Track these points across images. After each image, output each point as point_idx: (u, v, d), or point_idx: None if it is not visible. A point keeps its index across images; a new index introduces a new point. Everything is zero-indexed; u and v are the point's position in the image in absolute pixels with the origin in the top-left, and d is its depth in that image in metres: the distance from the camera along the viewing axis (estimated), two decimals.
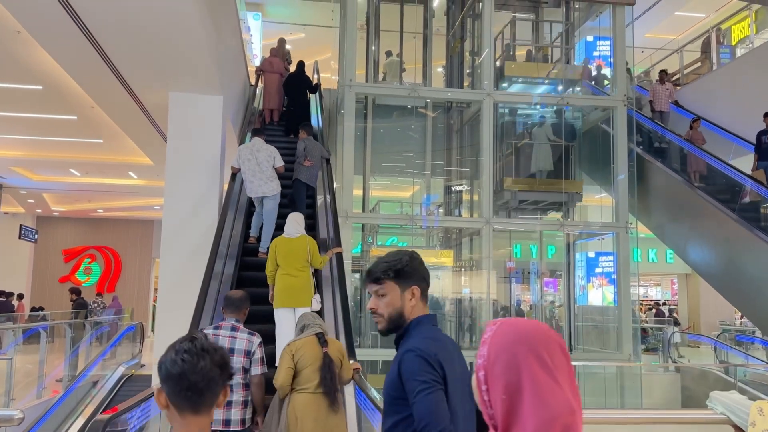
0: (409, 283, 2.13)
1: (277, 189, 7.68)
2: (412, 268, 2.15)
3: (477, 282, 12.36)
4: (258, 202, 7.77)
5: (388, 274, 2.13)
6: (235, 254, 7.48)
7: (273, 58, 11.89)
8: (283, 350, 4.30)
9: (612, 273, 12.93)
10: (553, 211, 13.12)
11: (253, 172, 7.63)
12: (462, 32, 13.61)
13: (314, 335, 4.34)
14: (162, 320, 8.36)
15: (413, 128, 13.07)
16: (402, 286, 2.13)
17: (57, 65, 8.67)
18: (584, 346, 12.62)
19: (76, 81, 8.88)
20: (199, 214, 8.43)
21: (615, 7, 12.33)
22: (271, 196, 7.59)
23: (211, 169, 8.78)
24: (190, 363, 1.62)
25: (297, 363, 4.18)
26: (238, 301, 4.31)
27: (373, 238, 13.03)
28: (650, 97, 13.50)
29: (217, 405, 1.70)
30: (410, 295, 2.12)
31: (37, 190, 17.95)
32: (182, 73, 8.41)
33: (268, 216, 7.57)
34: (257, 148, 7.77)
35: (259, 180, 7.60)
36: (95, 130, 11.95)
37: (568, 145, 12.36)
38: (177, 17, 6.97)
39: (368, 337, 12.24)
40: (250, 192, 7.73)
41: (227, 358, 1.72)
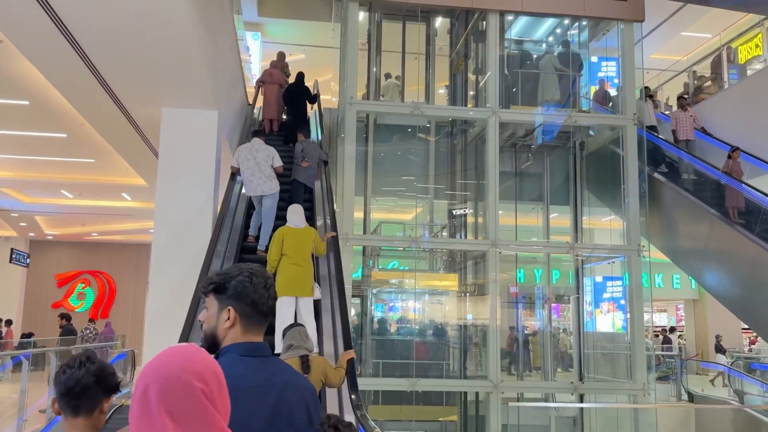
0: (227, 302, 1.87)
1: (276, 188, 7.77)
2: (237, 286, 1.88)
3: (482, 307, 11.87)
4: (257, 201, 7.85)
5: (209, 288, 1.91)
6: (233, 252, 7.42)
7: (273, 70, 11.81)
8: None
9: (621, 298, 12.47)
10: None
11: (252, 171, 7.70)
12: (466, 50, 13.27)
13: (299, 357, 4.34)
14: (151, 345, 7.86)
15: (416, 149, 12.66)
16: (220, 304, 1.89)
17: (44, 79, 8.28)
18: (595, 375, 12.06)
19: (64, 96, 8.49)
20: (191, 235, 7.96)
21: (623, 24, 12.01)
22: (269, 195, 7.69)
23: (205, 188, 8.35)
24: (69, 374, 1.96)
25: None
26: None
27: (374, 262, 12.55)
28: (672, 125, 12.64)
29: (101, 411, 2.00)
30: (226, 315, 1.87)
31: (28, 213, 17.51)
32: (175, 88, 8.03)
33: (267, 214, 7.66)
34: (256, 148, 7.83)
35: (258, 179, 7.69)
36: (86, 149, 11.55)
37: (575, 74, 12.06)
38: (170, 29, 6.62)
39: (369, 365, 11.69)
40: (248, 191, 7.83)
41: (106, 372, 2.02)
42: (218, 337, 1.88)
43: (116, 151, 10.72)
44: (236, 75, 11.06)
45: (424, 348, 12.18)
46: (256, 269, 1.94)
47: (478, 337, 12.46)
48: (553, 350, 13.38)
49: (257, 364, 1.86)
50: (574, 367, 12.50)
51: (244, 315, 1.88)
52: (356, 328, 12.20)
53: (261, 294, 1.89)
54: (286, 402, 1.85)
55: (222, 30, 9.04)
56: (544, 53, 12.96)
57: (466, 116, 12.71)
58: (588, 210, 12.58)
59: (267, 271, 1.96)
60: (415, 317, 13.01)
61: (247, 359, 1.85)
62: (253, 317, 1.89)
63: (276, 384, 1.85)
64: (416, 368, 11.05)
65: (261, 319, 1.91)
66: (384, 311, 13.81)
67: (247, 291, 1.87)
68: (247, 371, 1.82)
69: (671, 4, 15.90)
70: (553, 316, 14.61)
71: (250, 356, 1.86)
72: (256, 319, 1.90)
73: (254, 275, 1.91)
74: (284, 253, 6.03)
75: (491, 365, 10.63)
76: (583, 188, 12.61)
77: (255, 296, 1.88)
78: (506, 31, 12.43)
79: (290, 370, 2.00)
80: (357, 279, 12.21)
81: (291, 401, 1.87)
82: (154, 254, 8.12)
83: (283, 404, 1.84)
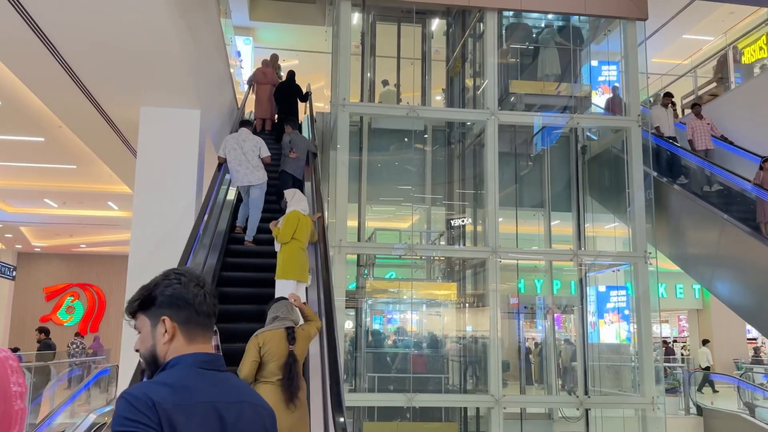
0: (159, 312, 1.62)
1: (264, 178, 7.69)
2: (166, 292, 1.63)
3: (482, 318, 11.33)
4: (245, 191, 7.72)
5: (134, 306, 1.66)
6: (219, 245, 7.22)
7: (266, 69, 11.70)
8: (250, 340, 4.25)
9: (625, 308, 11.96)
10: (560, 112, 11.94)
11: (240, 161, 7.59)
12: (463, 52, 12.79)
13: (284, 329, 4.30)
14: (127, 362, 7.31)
15: (412, 154, 12.14)
16: (151, 319, 1.63)
17: (16, 78, 7.76)
18: (602, 389, 11.50)
19: (37, 95, 7.98)
20: (171, 246, 7.37)
21: (626, 24, 11.56)
22: (257, 185, 7.60)
23: (186, 193, 7.85)
24: None
25: (263, 356, 4.15)
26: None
27: (369, 272, 12.00)
28: (689, 134, 11.90)
29: None
30: (162, 328, 1.61)
31: (13, 223, 16.96)
32: (154, 85, 7.56)
33: (254, 204, 7.55)
34: (243, 138, 7.73)
35: (245, 169, 7.57)
36: (66, 154, 11.05)
37: (576, 48, 11.64)
38: (147, 23, 6.22)
39: (364, 380, 11.12)
40: (236, 181, 7.71)
41: None
42: (159, 357, 1.62)
43: (97, 156, 10.20)
44: (223, 76, 10.58)
45: (422, 361, 11.62)
46: (183, 269, 1.71)
47: (479, 347, 11.91)
48: (557, 362, 12.83)
49: (213, 378, 1.60)
50: (578, 380, 11.95)
51: (183, 321, 1.62)
52: (351, 341, 11.66)
53: (195, 293, 1.64)
54: (244, 421, 1.62)
55: (206, 28, 8.59)
56: (544, 27, 12.48)
57: (464, 118, 12.23)
58: (591, 217, 12.08)
59: (196, 270, 1.75)
60: (412, 329, 12.47)
61: (203, 371, 1.60)
62: (193, 321, 1.63)
63: (234, 402, 1.61)
64: (413, 382, 10.53)
65: (204, 321, 1.65)
66: (380, 323, 13.26)
67: (178, 293, 1.62)
68: (205, 385, 1.57)
69: (671, 7, 15.53)
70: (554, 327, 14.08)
71: (207, 369, 1.61)
72: (198, 323, 1.64)
73: (182, 275, 1.66)
74: (295, 237, 6.05)
75: (492, 379, 10.09)
76: (586, 194, 12.12)
77: (189, 297, 1.62)
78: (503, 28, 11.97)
79: (248, 389, 1.74)
80: (351, 290, 11.68)
81: (249, 421, 1.64)
82: (131, 267, 7.59)
83: (241, 423, 1.61)
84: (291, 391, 4.08)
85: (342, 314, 10.47)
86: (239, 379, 1.74)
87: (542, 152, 12.05)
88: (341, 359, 4.66)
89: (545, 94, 11.60)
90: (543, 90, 11.61)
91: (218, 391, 1.58)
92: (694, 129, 11.82)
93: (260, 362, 4.14)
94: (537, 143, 12.05)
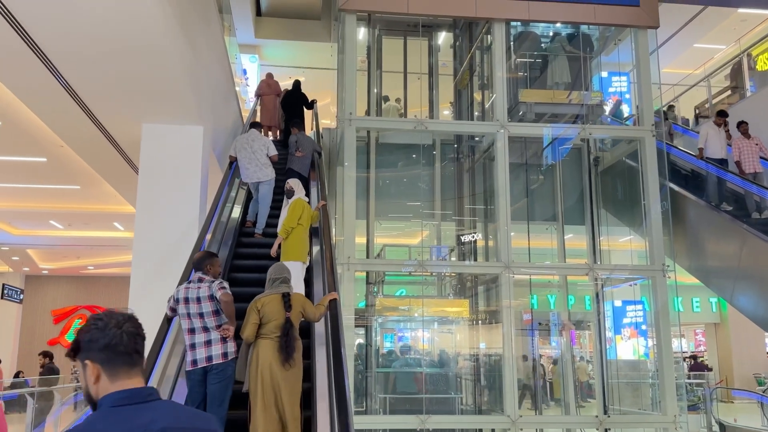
0: (83, 357, 1.74)
1: (271, 175, 8.23)
2: (85, 338, 1.74)
3: (495, 335, 11.01)
4: (254, 188, 8.27)
5: (70, 354, 1.78)
6: (230, 239, 7.59)
7: (270, 80, 12.27)
8: (250, 305, 4.74)
9: (642, 323, 11.62)
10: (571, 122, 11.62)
11: (249, 159, 8.14)
12: (471, 64, 12.59)
13: (280, 295, 4.76)
14: None
15: (420, 168, 11.90)
16: (81, 363, 1.75)
17: (15, 98, 7.61)
18: (621, 407, 11.11)
19: (37, 114, 7.81)
20: (173, 262, 7.14)
21: (637, 32, 11.33)
22: (265, 182, 8.13)
23: (189, 211, 7.63)
24: None
25: (261, 318, 4.65)
26: (199, 261, 4.98)
27: (378, 289, 11.72)
28: (735, 156, 10.93)
29: None
30: (89, 371, 1.73)
31: (20, 246, 16.84)
32: (156, 102, 7.38)
33: (263, 199, 8.08)
34: (252, 138, 8.33)
35: (254, 167, 8.12)
36: (69, 175, 10.89)
37: (586, 56, 11.42)
38: (146, 39, 6.04)
39: (375, 401, 10.80)
40: (245, 178, 8.25)
41: None
42: (92, 396, 1.74)
43: (100, 176, 10.03)
44: (227, 92, 10.41)
45: (434, 381, 11.29)
46: (105, 313, 1.78)
47: (492, 366, 11.57)
48: (574, 380, 12.44)
49: (130, 414, 1.66)
50: (596, 398, 11.57)
51: (103, 362, 1.72)
52: (361, 360, 11.37)
53: (113, 334, 1.72)
54: None
55: (208, 44, 8.43)
56: (553, 35, 12.25)
57: (473, 131, 11.99)
58: (606, 230, 11.77)
59: (119, 311, 1.82)
60: (423, 347, 12.15)
61: (118, 409, 1.67)
62: (113, 361, 1.71)
63: (155, 430, 1.64)
64: (426, 403, 10.18)
65: (125, 359, 1.73)
66: (390, 341, 12.96)
67: (95, 338, 1.72)
68: (110, 425, 1.63)
69: (682, 16, 15.32)
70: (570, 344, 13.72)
71: (122, 405, 1.68)
72: (120, 362, 1.72)
73: (99, 319, 1.75)
74: (300, 224, 6.60)
75: (508, 399, 9.75)
76: (600, 206, 11.82)
77: (106, 339, 1.72)
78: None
79: (179, 413, 1.75)
80: (361, 308, 11.40)
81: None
82: (133, 286, 7.38)
83: None
84: (287, 352, 4.54)
85: (351, 333, 10.21)
86: (169, 405, 1.78)
87: (553, 164, 11.79)
88: (349, 381, 4.40)
89: (556, 103, 11.35)
90: (553, 99, 11.37)
91: (133, 425, 1.63)
92: (741, 149, 10.85)
93: (260, 323, 4.63)
94: (548, 155, 11.80)
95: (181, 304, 4.73)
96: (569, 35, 11.80)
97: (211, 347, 4.61)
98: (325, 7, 16.27)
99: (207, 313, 4.65)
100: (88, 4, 5.41)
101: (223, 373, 4.60)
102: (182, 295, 4.73)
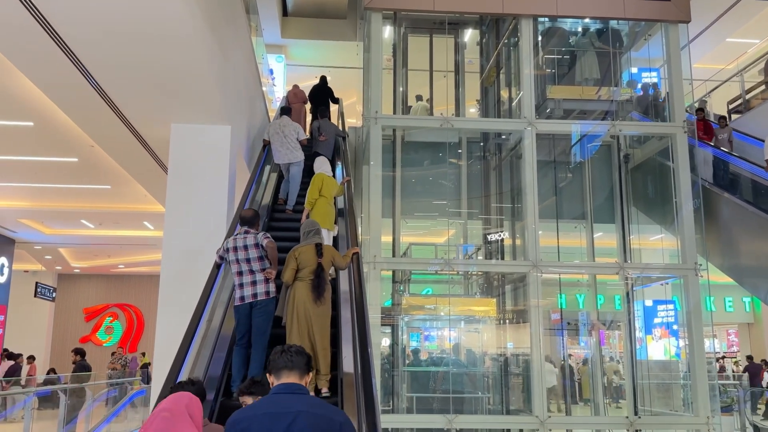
0: None
1: (301, 156, 9.02)
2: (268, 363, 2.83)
3: (523, 334, 10.91)
4: (285, 168, 9.04)
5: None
6: (265, 215, 8.14)
7: (297, 90, 12.51)
8: (289, 254, 5.50)
9: (673, 323, 11.41)
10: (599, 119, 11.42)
11: (281, 142, 8.93)
12: (497, 61, 12.50)
13: (314, 245, 5.50)
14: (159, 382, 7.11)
15: (446, 166, 11.84)
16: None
17: (47, 99, 7.75)
18: (651, 408, 10.94)
19: (68, 115, 7.95)
20: (202, 260, 7.20)
21: (667, 27, 11.13)
22: (296, 163, 8.91)
23: (217, 209, 7.69)
24: None
25: (298, 264, 5.38)
26: (249, 218, 5.68)
27: (405, 288, 11.70)
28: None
29: None
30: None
31: (51, 245, 17.15)
32: (184, 102, 7.46)
33: (294, 179, 8.88)
34: (284, 124, 9.11)
35: (285, 149, 8.90)
36: (100, 175, 11.06)
37: (615, 51, 11.29)
38: (175, 39, 6.10)
39: (403, 400, 10.78)
40: (278, 159, 9.06)
41: None
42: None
43: (130, 175, 10.16)
44: (254, 92, 10.51)
45: (462, 380, 11.23)
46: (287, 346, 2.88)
47: (520, 367, 11.47)
48: (603, 381, 12.27)
49: (283, 398, 2.59)
50: (626, 399, 11.41)
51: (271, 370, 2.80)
52: (387, 360, 11.36)
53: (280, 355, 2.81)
54: (298, 426, 2.47)
55: (236, 44, 8.51)
56: (581, 31, 12.08)
57: (500, 128, 11.89)
58: (636, 228, 11.59)
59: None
60: (450, 346, 12.09)
61: (277, 396, 2.63)
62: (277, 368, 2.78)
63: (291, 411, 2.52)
64: (453, 403, 10.13)
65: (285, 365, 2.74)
66: (417, 340, 12.92)
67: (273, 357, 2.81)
68: (269, 403, 2.58)
69: (714, 10, 14.99)
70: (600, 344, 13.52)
71: (280, 393, 2.64)
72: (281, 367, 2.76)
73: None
74: (322, 195, 7.25)
75: (536, 399, 9.66)
76: (630, 204, 11.64)
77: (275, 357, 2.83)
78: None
79: (314, 404, 2.60)
80: (387, 307, 11.39)
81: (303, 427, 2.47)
82: (163, 284, 7.46)
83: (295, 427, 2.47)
84: (318, 291, 5.29)
85: (378, 332, 10.21)
86: (309, 397, 2.66)
87: (582, 161, 11.64)
88: (376, 380, 4.43)
89: (584, 99, 11.21)
90: (582, 95, 11.23)
91: (283, 406, 2.54)
92: None
93: (297, 268, 5.34)
94: (576, 152, 11.66)
95: (230, 251, 5.45)
96: (598, 30, 11.63)
97: (256, 286, 5.35)
98: (350, 6, 16.30)
99: (253, 258, 5.39)
100: (118, 6, 5.48)
101: (266, 308, 5.36)
102: (231, 245, 5.47)
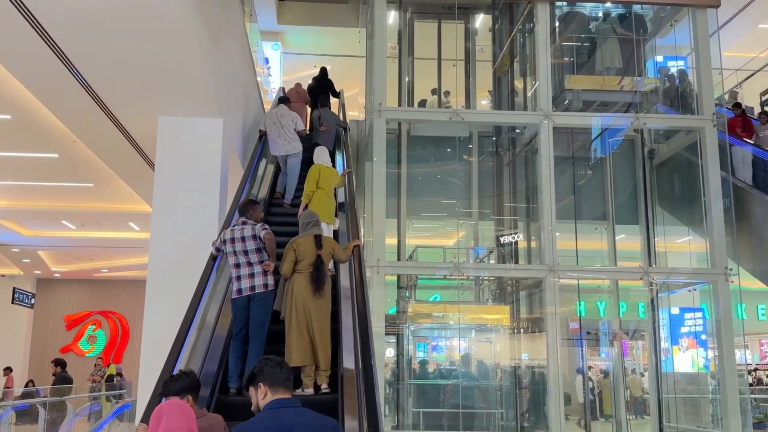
0: (258, 381, 3.14)
1: (299, 148, 9.09)
2: (259, 371, 3.15)
3: (539, 345, 10.90)
4: (282, 161, 9.11)
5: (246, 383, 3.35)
6: (263, 205, 8.21)
7: (299, 88, 12.54)
8: (287, 245, 5.65)
9: (701, 333, 11.38)
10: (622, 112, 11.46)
11: (279, 133, 9.03)
12: (511, 48, 12.48)
13: (312, 236, 5.65)
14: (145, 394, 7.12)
15: (456, 163, 11.83)
16: (255, 386, 3.15)
17: (26, 90, 7.76)
18: (678, 425, 10.91)
19: (48, 107, 7.96)
20: (192, 263, 7.19)
21: (695, 12, 11.11)
22: (293, 154, 8.98)
23: (208, 205, 7.70)
24: None
25: (297, 256, 5.52)
26: (243, 207, 5.92)
27: (411, 294, 11.69)
28: None
29: None
30: (261, 390, 3.12)
31: (30, 248, 17.21)
32: (173, 93, 7.49)
33: (291, 171, 8.94)
34: (281, 114, 9.18)
35: (282, 140, 9.01)
36: (83, 172, 11.10)
37: (638, 38, 11.30)
38: (163, 26, 6.12)
39: (409, 415, 10.78)
40: (274, 151, 9.15)
41: None
42: (259, 406, 3.10)
43: (114, 172, 10.19)
44: (248, 83, 10.51)
45: (472, 394, 11.22)
46: (272, 357, 3.25)
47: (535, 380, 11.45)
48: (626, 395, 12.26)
49: (279, 413, 2.94)
50: (651, 414, 11.39)
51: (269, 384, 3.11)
52: (393, 372, 11.36)
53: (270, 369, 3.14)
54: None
55: (228, 31, 8.51)
56: (602, 16, 12.05)
57: (514, 121, 11.88)
58: (662, 230, 11.56)
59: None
60: (460, 358, 12.08)
61: (273, 411, 2.97)
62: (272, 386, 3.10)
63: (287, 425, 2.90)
64: (463, 419, 10.14)
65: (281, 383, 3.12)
66: (424, 351, 12.91)
67: (266, 369, 3.14)
68: (266, 418, 2.94)
69: None
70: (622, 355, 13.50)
71: (275, 408, 2.98)
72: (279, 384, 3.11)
73: (269, 359, 3.22)
74: (320, 187, 7.36)
75: (552, 414, 9.65)
76: (655, 204, 11.62)
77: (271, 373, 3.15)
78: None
79: (309, 415, 2.99)
80: (391, 315, 11.40)
81: None
82: (149, 288, 7.46)
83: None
84: (318, 284, 5.43)
85: (382, 341, 10.22)
86: (304, 410, 3.01)
87: (603, 157, 11.61)
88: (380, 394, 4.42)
89: (606, 90, 11.19)
90: (603, 85, 11.21)
91: (279, 419, 2.91)
92: None
93: (295, 260, 5.47)
94: (597, 147, 11.63)
95: (228, 243, 5.64)
96: (620, 16, 11.60)
97: (253, 279, 5.54)
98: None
99: (251, 250, 5.57)
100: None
101: (263, 301, 5.53)
102: (229, 236, 5.66)
